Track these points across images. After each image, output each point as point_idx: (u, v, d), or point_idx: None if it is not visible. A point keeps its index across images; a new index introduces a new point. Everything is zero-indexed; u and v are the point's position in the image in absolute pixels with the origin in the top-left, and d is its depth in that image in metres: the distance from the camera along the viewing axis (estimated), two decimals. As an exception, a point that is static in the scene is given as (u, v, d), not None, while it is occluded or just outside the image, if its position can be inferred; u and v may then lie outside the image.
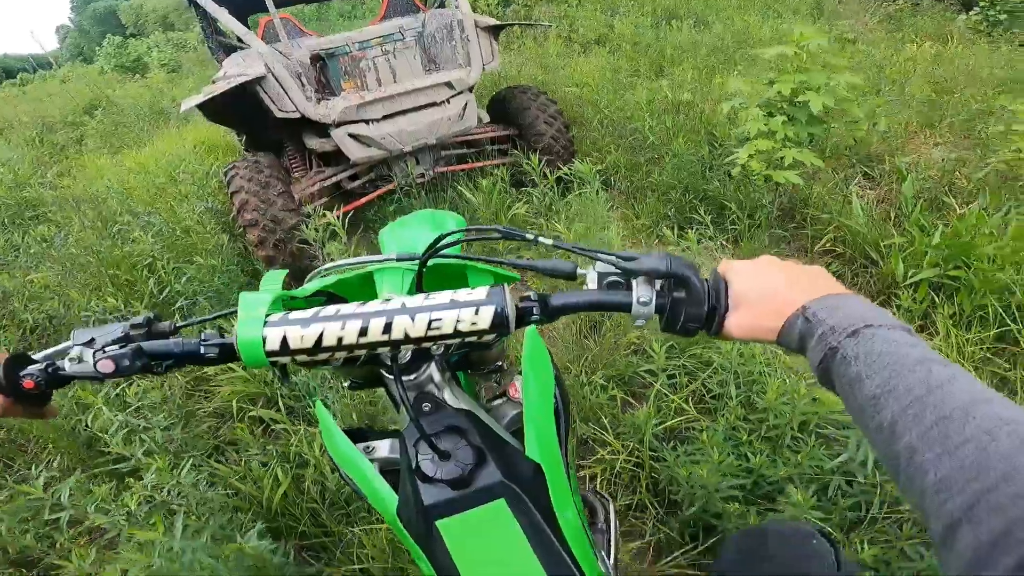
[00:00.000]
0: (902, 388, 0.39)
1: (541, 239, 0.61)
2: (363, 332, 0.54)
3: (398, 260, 0.70)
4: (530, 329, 0.72)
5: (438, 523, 0.59)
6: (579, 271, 0.62)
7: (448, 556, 0.59)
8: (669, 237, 2.11)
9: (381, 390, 0.74)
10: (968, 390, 0.38)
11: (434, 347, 0.58)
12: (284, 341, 0.54)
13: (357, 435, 0.70)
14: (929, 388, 0.38)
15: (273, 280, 0.61)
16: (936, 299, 1.84)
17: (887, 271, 1.95)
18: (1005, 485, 0.32)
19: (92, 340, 0.56)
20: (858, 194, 2.30)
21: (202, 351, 0.57)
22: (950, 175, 2.36)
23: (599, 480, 1.58)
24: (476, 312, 0.55)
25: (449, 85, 2.78)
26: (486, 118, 3.25)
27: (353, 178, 2.94)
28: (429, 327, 0.55)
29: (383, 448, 0.70)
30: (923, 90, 3.21)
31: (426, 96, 2.74)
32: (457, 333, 0.55)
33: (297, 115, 2.61)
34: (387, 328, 0.54)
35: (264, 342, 0.53)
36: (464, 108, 2.80)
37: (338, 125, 2.65)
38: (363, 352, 0.56)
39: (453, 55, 3.02)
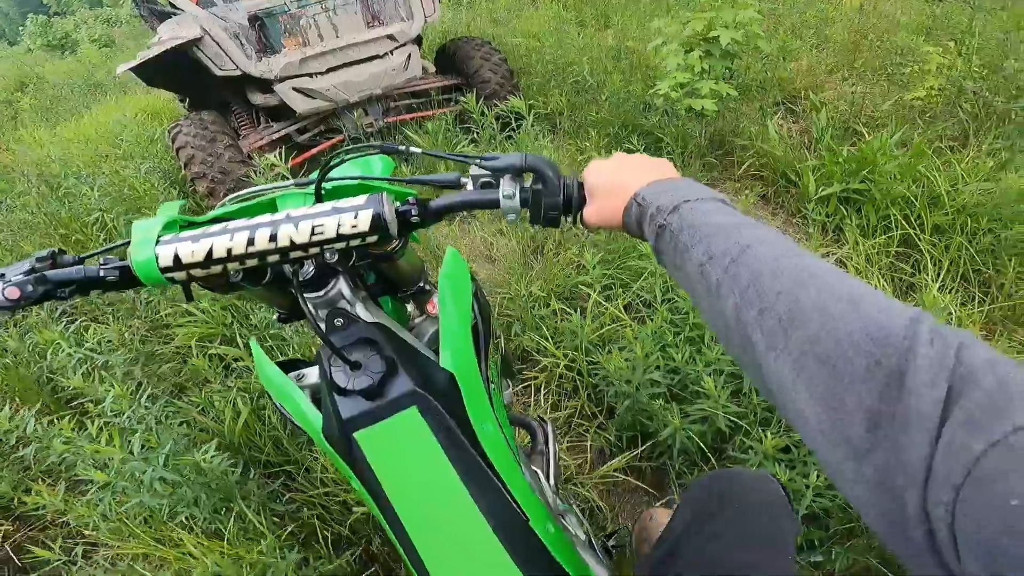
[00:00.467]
0: (719, 253, 0.40)
1: (412, 148, 0.64)
2: (250, 242, 0.56)
3: (296, 186, 0.71)
4: (450, 248, 0.77)
5: (356, 435, 0.61)
6: (463, 179, 0.65)
7: (369, 467, 0.61)
8: (595, 156, 2.21)
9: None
10: (775, 247, 0.38)
11: (328, 255, 0.59)
12: (176, 257, 0.55)
13: (291, 366, 0.72)
14: (742, 249, 0.39)
15: (169, 208, 0.62)
16: (845, 212, 2.00)
17: (803, 190, 2.10)
18: (825, 334, 0.31)
19: (2, 275, 0.58)
20: (780, 126, 2.43)
21: (102, 274, 0.59)
22: (859, 107, 2.51)
23: (543, 391, 1.69)
24: (355, 216, 0.57)
25: (391, 37, 2.81)
26: (432, 69, 3.29)
27: (302, 131, 2.94)
28: (313, 232, 0.57)
29: (313, 374, 0.71)
30: (843, 35, 3.35)
31: (369, 49, 2.76)
32: (340, 237, 0.57)
33: (238, 73, 2.60)
34: (273, 237, 0.56)
35: (157, 259, 0.55)
36: (408, 59, 2.82)
37: (281, 80, 2.66)
38: (254, 262, 0.57)
39: (395, 9, 3.02)
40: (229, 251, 0.56)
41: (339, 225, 0.57)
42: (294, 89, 2.66)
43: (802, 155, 2.22)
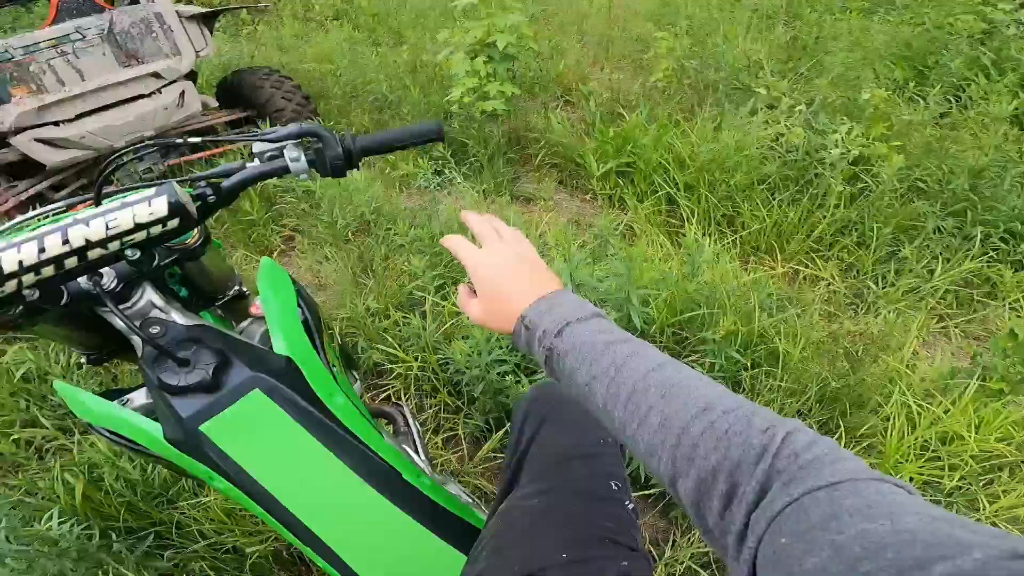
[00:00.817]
0: (600, 372, 0.45)
1: (190, 139, 0.70)
2: (42, 250, 0.54)
3: (68, 208, 0.69)
4: (264, 258, 0.82)
5: (202, 428, 0.62)
6: (248, 164, 0.70)
7: (224, 455, 0.62)
8: (404, 167, 2.36)
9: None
10: (645, 362, 0.45)
11: (130, 252, 0.59)
12: None
13: (111, 396, 0.71)
14: (618, 367, 0.45)
15: None
16: (622, 184, 2.43)
17: (588, 170, 2.50)
18: (685, 438, 0.39)
19: None
20: (563, 117, 2.83)
21: None
22: (617, 92, 3.04)
23: (404, 397, 1.77)
24: (149, 204, 0.59)
25: (157, 75, 2.63)
26: (215, 104, 3.14)
27: (59, 187, 2.58)
28: (108, 228, 0.57)
29: (138, 397, 0.71)
30: (599, 29, 3.98)
31: (130, 89, 2.55)
32: (139, 227, 0.58)
33: (-52, 130, 2.19)
34: (65, 240, 0.55)
35: None
36: (182, 96, 2.67)
37: (18, 132, 2.30)
38: (50, 270, 0.55)
39: (157, 46, 2.83)
40: (20, 263, 0.54)
41: (135, 215, 0.58)
42: (37, 140, 2.33)
43: (582, 140, 2.64)
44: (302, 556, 1.34)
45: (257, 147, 0.71)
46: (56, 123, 2.38)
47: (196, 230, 0.72)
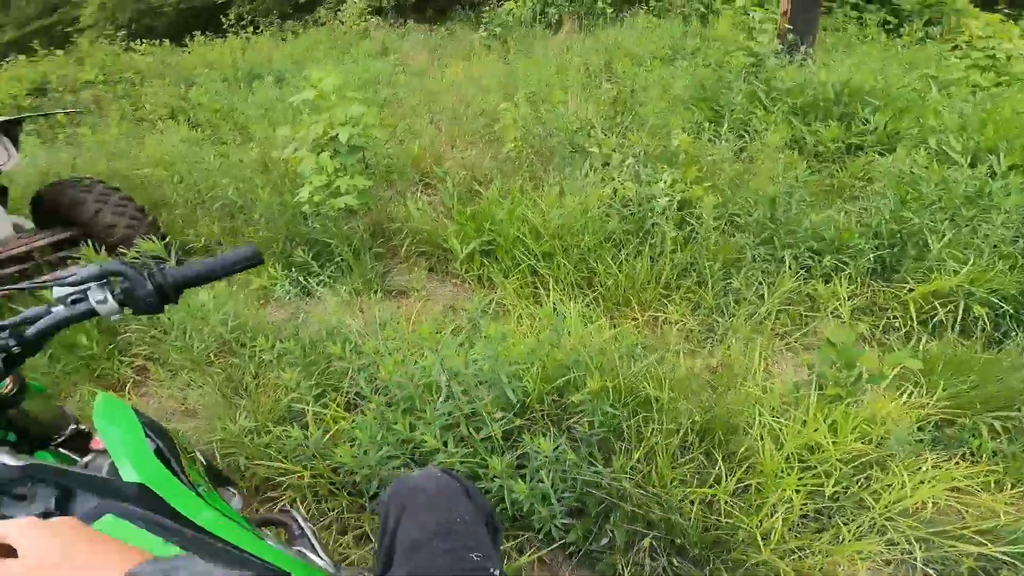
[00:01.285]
0: None
1: None
2: None
3: None
4: (101, 392, 0.85)
5: None
6: (53, 309, 0.73)
7: None
8: (256, 280, 2.42)
9: None
10: None
11: None
12: None
13: None
14: None
15: None
16: (486, 263, 2.66)
17: (455, 253, 2.71)
18: None
19: None
20: (421, 203, 3.05)
21: None
22: (471, 169, 3.37)
23: (303, 504, 1.81)
24: None
25: None
26: (29, 225, 2.94)
27: None
28: None
29: None
30: (448, 107, 4.37)
31: None
32: None
33: None
34: None
35: None
36: (-16, 218, 2.50)
37: None
38: None
39: (-56, 165, 2.64)
40: None
41: None
42: None
43: (444, 224, 2.87)
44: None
45: (57, 292, 0.72)
46: None
47: (8, 379, 0.75)
